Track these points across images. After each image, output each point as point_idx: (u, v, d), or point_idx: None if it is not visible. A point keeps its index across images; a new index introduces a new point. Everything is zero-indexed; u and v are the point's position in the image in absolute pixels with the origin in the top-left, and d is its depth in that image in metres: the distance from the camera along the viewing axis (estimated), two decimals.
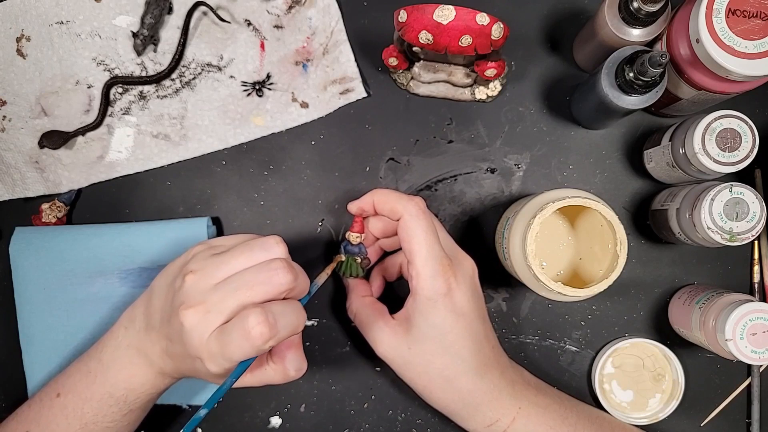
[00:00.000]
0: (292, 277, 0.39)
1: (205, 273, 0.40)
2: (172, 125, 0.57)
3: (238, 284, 0.39)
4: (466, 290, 0.46)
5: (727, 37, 0.43)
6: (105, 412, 0.45)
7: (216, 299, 0.39)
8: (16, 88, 0.56)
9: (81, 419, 0.45)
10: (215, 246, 0.43)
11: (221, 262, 0.40)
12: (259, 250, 0.41)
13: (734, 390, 0.56)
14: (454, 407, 0.48)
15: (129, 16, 0.57)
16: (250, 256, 0.40)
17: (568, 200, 0.44)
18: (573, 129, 0.57)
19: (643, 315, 0.57)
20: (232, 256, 0.41)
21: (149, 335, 0.44)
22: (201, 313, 0.39)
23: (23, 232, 0.55)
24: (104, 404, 0.45)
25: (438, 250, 0.45)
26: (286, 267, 0.39)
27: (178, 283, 0.41)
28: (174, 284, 0.42)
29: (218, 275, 0.40)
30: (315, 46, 0.57)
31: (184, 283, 0.40)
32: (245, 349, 0.37)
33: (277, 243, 0.41)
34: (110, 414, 0.45)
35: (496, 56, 0.51)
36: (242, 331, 0.37)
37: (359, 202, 0.49)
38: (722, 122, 0.47)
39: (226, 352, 0.38)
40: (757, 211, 0.47)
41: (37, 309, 0.54)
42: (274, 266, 0.39)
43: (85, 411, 0.45)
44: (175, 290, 0.41)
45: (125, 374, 0.45)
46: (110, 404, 0.45)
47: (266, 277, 0.39)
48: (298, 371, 0.43)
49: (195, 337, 0.39)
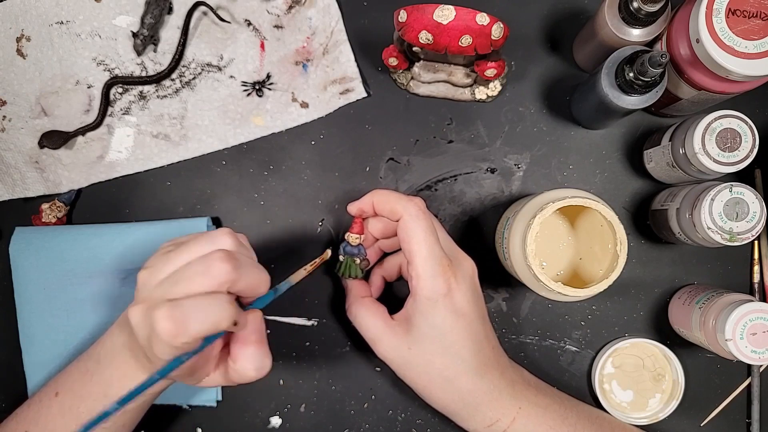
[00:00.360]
0: (229, 266, 0.37)
1: (154, 269, 0.40)
2: (172, 125, 0.57)
3: (178, 278, 0.38)
4: (466, 290, 0.46)
5: (727, 37, 0.43)
6: (100, 411, 0.45)
7: (157, 295, 0.38)
8: (16, 88, 0.56)
9: (77, 419, 0.45)
10: (177, 243, 0.42)
11: (169, 258, 0.40)
12: (204, 243, 0.39)
13: (734, 390, 0.56)
14: (454, 407, 0.48)
15: (129, 16, 0.57)
16: (194, 249, 0.39)
17: (568, 200, 0.44)
18: (573, 129, 0.57)
19: (643, 315, 0.57)
20: (180, 251, 0.40)
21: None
22: (144, 310, 0.38)
23: (23, 232, 0.55)
24: (99, 404, 0.45)
25: (438, 251, 0.45)
26: (223, 257, 0.38)
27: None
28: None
29: (165, 270, 0.39)
30: (315, 46, 0.57)
31: (137, 281, 0.40)
32: (161, 346, 0.36)
33: (224, 234, 0.40)
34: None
35: (496, 56, 0.51)
36: (152, 328, 0.36)
37: (359, 203, 0.49)
38: (722, 122, 0.47)
39: (152, 349, 0.37)
40: (757, 211, 0.47)
41: (37, 309, 0.54)
42: (212, 257, 0.38)
43: (81, 410, 0.45)
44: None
45: (119, 374, 0.44)
46: (105, 404, 0.45)
47: (204, 269, 0.37)
48: (259, 370, 0.41)
49: (140, 336, 0.38)
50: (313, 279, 0.44)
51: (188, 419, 0.56)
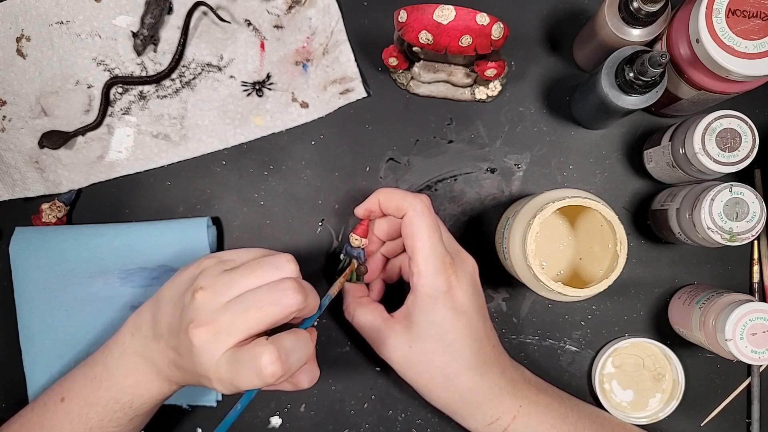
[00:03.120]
0: (301, 297, 0.39)
1: (215, 291, 0.40)
2: (172, 125, 0.57)
3: (248, 304, 0.38)
4: (467, 288, 0.46)
5: (727, 37, 0.43)
6: (110, 417, 0.45)
7: (226, 319, 0.38)
8: (16, 88, 0.56)
9: (86, 424, 0.45)
10: (226, 261, 0.43)
11: (231, 280, 0.40)
12: (270, 268, 0.40)
13: (734, 390, 0.56)
14: (455, 406, 0.48)
15: (129, 16, 0.57)
16: (260, 275, 0.40)
17: (568, 200, 0.44)
18: (573, 129, 0.57)
19: (643, 315, 0.57)
20: (242, 274, 0.40)
21: (157, 344, 0.43)
22: (211, 333, 0.38)
23: (23, 232, 0.55)
24: (110, 409, 0.45)
25: (441, 248, 0.45)
26: (296, 288, 0.39)
27: (188, 299, 0.40)
28: (183, 298, 0.41)
29: (229, 294, 0.39)
30: (315, 46, 0.57)
31: (194, 300, 0.40)
32: (255, 383, 0.37)
33: (288, 261, 0.41)
34: (115, 419, 0.45)
35: (496, 56, 0.51)
36: (254, 368, 0.37)
37: (365, 203, 0.49)
38: (722, 122, 0.47)
39: (235, 381, 0.38)
40: (757, 211, 0.47)
41: (37, 309, 0.54)
42: (284, 287, 0.39)
43: (90, 416, 0.45)
44: (185, 305, 0.41)
45: (131, 380, 0.44)
46: (116, 409, 0.45)
47: (276, 298, 0.38)
48: (311, 381, 0.43)
49: (204, 357, 0.39)
50: (313, 279, 0.44)
51: (188, 419, 0.56)
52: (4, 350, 0.56)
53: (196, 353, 0.39)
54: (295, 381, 0.43)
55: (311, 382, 0.43)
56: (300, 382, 0.43)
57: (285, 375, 0.38)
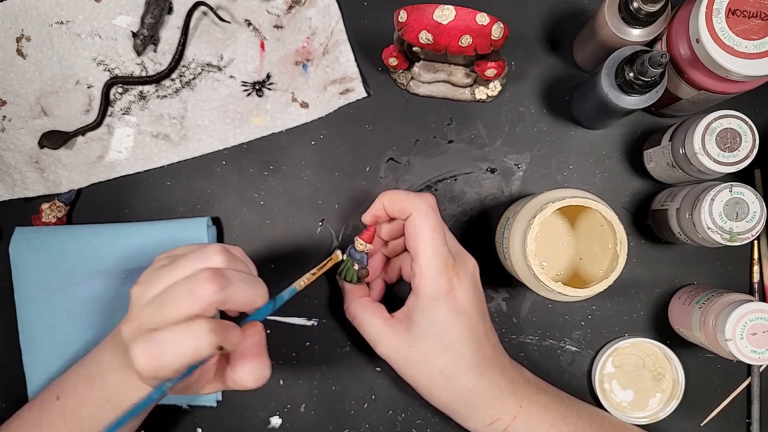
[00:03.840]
0: (215, 287, 0.36)
1: (147, 285, 0.39)
2: (172, 125, 0.57)
3: (164, 299, 0.37)
4: (468, 289, 0.46)
5: (727, 37, 0.43)
6: (102, 417, 0.45)
7: (146, 315, 0.38)
8: (16, 88, 0.56)
9: (78, 423, 0.45)
10: (171, 256, 0.41)
11: (161, 274, 0.39)
12: (195, 261, 0.38)
13: (734, 390, 0.56)
14: (455, 406, 0.48)
15: (129, 16, 0.57)
16: (185, 267, 0.38)
17: (568, 200, 0.44)
18: (573, 129, 0.57)
19: (643, 315, 0.57)
20: (171, 268, 0.39)
21: None
22: (135, 329, 0.38)
23: (23, 232, 0.55)
24: (101, 408, 0.45)
25: (443, 250, 0.45)
26: (209, 277, 0.36)
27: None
28: None
29: (155, 289, 0.38)
30: (315, 46, 0.57)
31: (130, 295, 0.40)
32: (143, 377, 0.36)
33: (216, 253, 0.39)
34: (106, 418, 0.45)
35: (496, 56, 0.51)
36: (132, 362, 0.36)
37: (371, 210, 0.48)
38: (722, 122, 0.47)
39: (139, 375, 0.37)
40: (757, 211, 0.47)
41: (37, 309, 0.54)
42: (198, 277, 0.37)
43: (83, 415, 0.45)
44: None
45: (121, 379, 0.44)
46: (106, 409, 0.45)
47: (189, 290, 0.37)
48: (258, 380, 0.40)
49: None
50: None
51: (188, 419, 0.56)
52: (4, 350, 0.56)
53: (128, 349, 0.37)
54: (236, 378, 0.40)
55: (258, 382, 0.40)
56: (242, 379, 0.40)
57: (159, 369, 0.35)
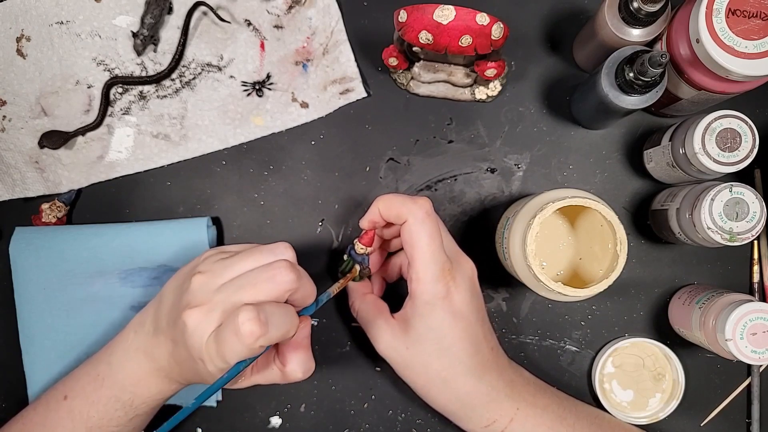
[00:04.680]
0: (294, 276, 0.39)
1: (213, 274, 0.41)
2: (172, 125, 0.57)
3: (242, 283, 0.39)
4: (465, 292, 0.46)
5: (727, 37, 0.42)
6: (111, 416, 0.45)
7: (219, 299, 0.39)
8: (16, 88, 0.56)
9: (86, 423, 0.45)
10: (225, 251, 0.44)
11: (229, 264, 0.41)
12: (267, 253, 0.41)
13: (734, 390, 0.56)
14: (452, 408, 0.48)
15: (129, 16, 0.57)
16: (257, 258, 0.41)
17: (568, 200, 0.44)
18: (573, 129, 0.57)
19: (643, 315, 0.57)
20: (240, 258, 0.41)
21: (158, 339, 0.44)
22: (204, 312, 0.39)
23: (23, 232, 0.55)
24: (110, 408, 0.45)
25: (440, 256, 0.45)
26: (288, 266, 0.40)
27: (186, 285, 0.41)
28: (183, 286, 0.42)
29: (226, 276, 0.40)
30: (315, 46, 0.57)
31: (191, 284, 0.41)
32: (237, 347, 0.37)
33: (285, 248, 0.42)
34: (116, 418, 0.45)
35: (496, 56, 0.51)
36: (233, 328, 0.37)
37: (368, 215, 0.48)
38: (722, 122, 0.47)
39: (220, 351, 0.38)
40: (757, 211, 0.47)
41: (37, 309, 0.54)
42: (277, 265, 0.40)
43: (91, 414, 0.45)
44: (183, 291, 0.41)
45: (132, 378, 0.44)
46: (116, 408, 0.45)
47: (269, 276, 0.39)
48: (306, 372, 0.43)
49: (196, 338, 0.39)
50: (314, 279, 0.44)
51: (188, 419, 0.56)
52: (4, 350, 0.56)
53: (189, 334, 0.39)
54: (287, 370, 0.43)
55: (306, 374, 0.43)
56: (292, 371, 0.43)
57: (264, 336, 0.37)
